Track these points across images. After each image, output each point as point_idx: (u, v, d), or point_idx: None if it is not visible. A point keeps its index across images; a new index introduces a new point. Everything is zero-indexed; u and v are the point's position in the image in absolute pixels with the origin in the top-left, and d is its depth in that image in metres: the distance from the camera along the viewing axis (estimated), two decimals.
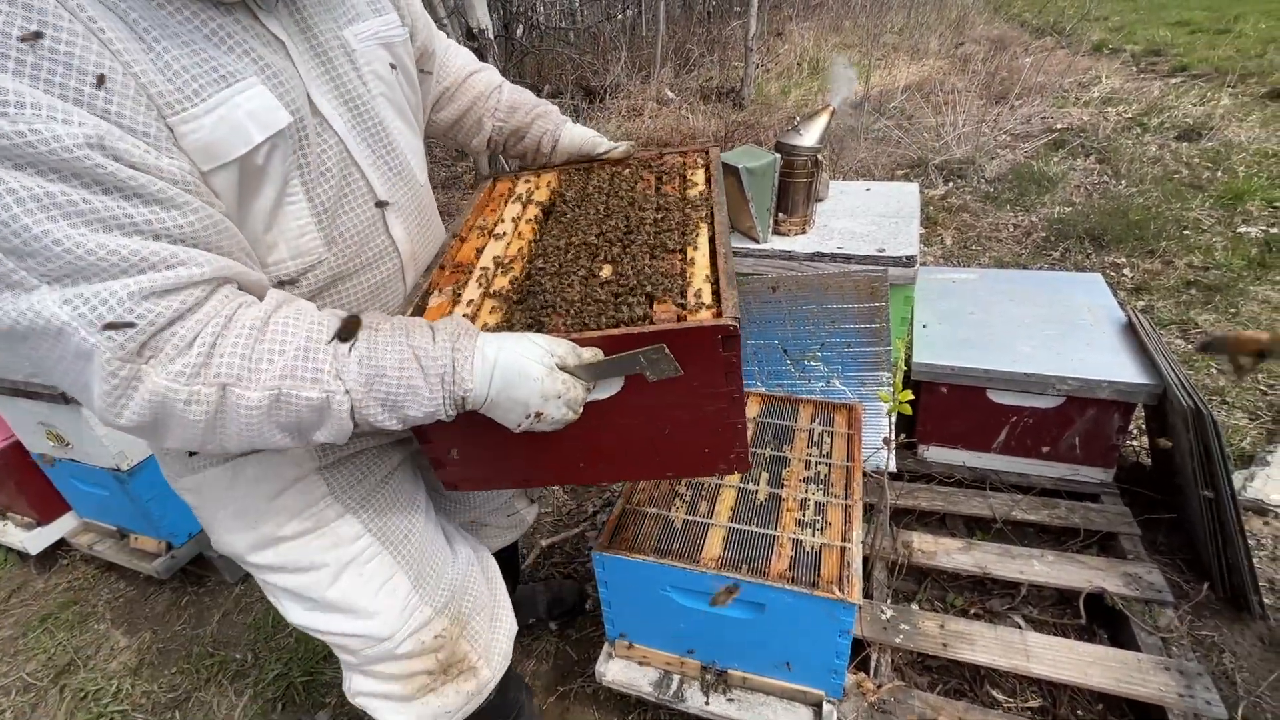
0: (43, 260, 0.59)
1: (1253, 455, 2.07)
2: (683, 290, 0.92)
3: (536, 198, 1.24)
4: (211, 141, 0.70)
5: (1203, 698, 1.36)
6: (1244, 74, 5.78)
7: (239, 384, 0.68)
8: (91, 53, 0.61)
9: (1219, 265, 3.11)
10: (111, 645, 2.03)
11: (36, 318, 0.60)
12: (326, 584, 1.00)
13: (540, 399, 0.78)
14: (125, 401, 0.65)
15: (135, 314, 0.62)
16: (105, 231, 0.61)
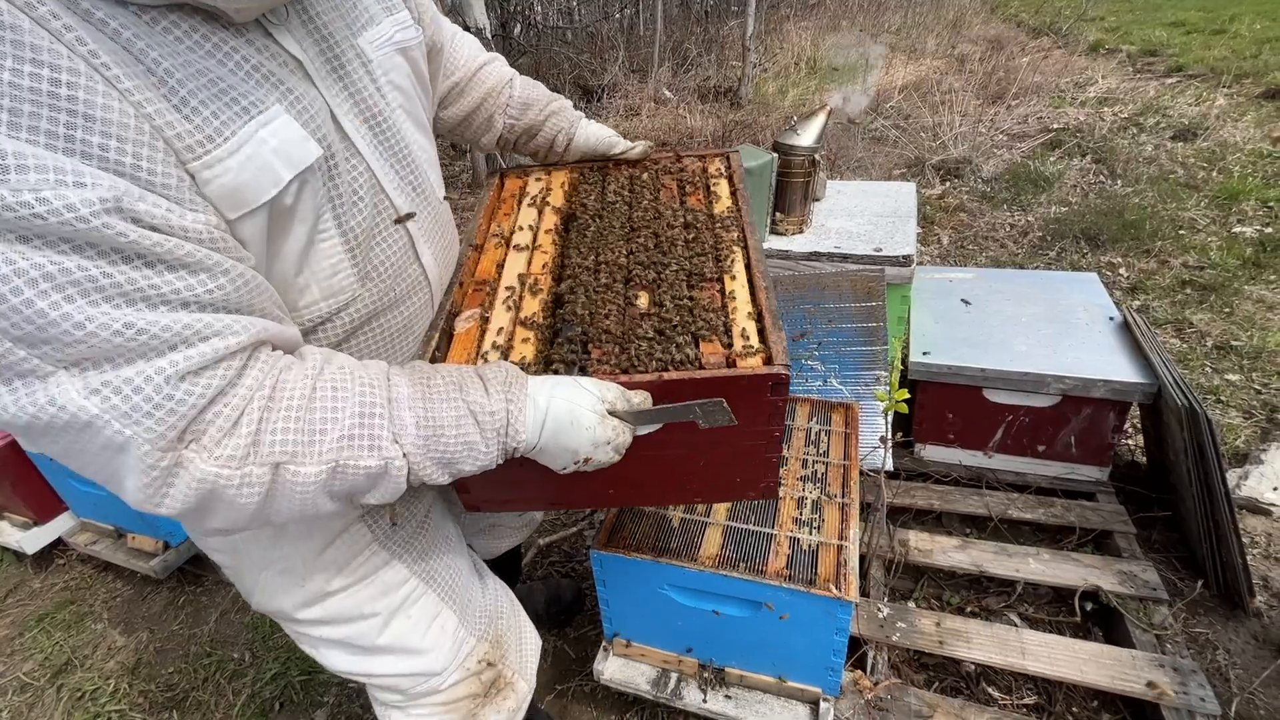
0: (60, 346, 0.51)
1: (1247, 454, 2.09)
2: (727, 328, 0.92)
3: (552, 201, 1.20)
4: (238, 186, 0.63)
5: (1196, 694, 1.37)
6: (1239, 74, 5.81)
7: (294, 460, 0.63)
8: (98, 95, 0.52)
9: (1214, 265, 3.13)
10: (109, 645, 2.02)
11: (60, 411, 0.52)
12: (377, 632, 0.98)
13: (591, 446, 0.76)
14: (167, 491, 0.58)
15: (175, 399, 0.56)
16: (130, 306, 0.53)
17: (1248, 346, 2.57)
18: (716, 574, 1.29)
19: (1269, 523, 1.90)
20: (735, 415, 0.81)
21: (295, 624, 0.99)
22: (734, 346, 0.88)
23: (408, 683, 1.04)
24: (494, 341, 0.93)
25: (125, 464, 0.56)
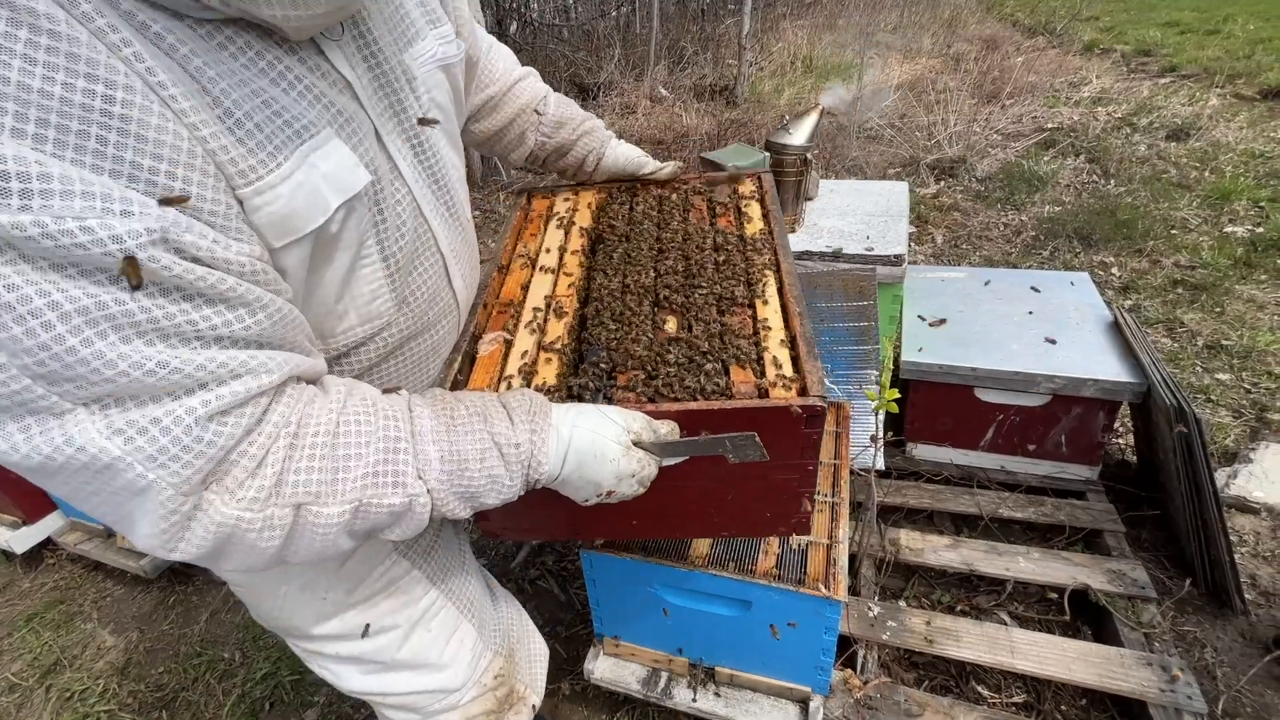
0: (85, 384, 0.47)
1: (1236, 453, 2.10)
2: (759, 355, 0.89)
3: (579, 221, 1.19)
4: (287, 214, 0.60)
5: (1183, 692, 1.38)
6: (1232, 74, 5.83)
7: (316, 501, 0.60)
8: (152, 115, 0.49)
9: (1205, 264, 3.14)
10: (98, 645, 2.01)
11: (78, 452, 0.48)
12: (397, 645, 0.96)
13: (614, 479, 0.73)
14: (184, 535, 0.55)
15: (204, 440, 0.52)
16: (163, 343, 0.50)
17: (1238, 346, 2.58)
18: (706, 573, 1.29)
19: (1257, 521, 1.91)
20: (767, 449, 0.77)
21: (311, 641, 0.95)
22: (766, 375, 0.85)
23: (426, 700, 1.01)
24: (518, 366, 0.92)
25: (142, 507, 0.53)
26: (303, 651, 0.98)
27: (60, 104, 0.44)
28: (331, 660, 0.97)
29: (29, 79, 0.43)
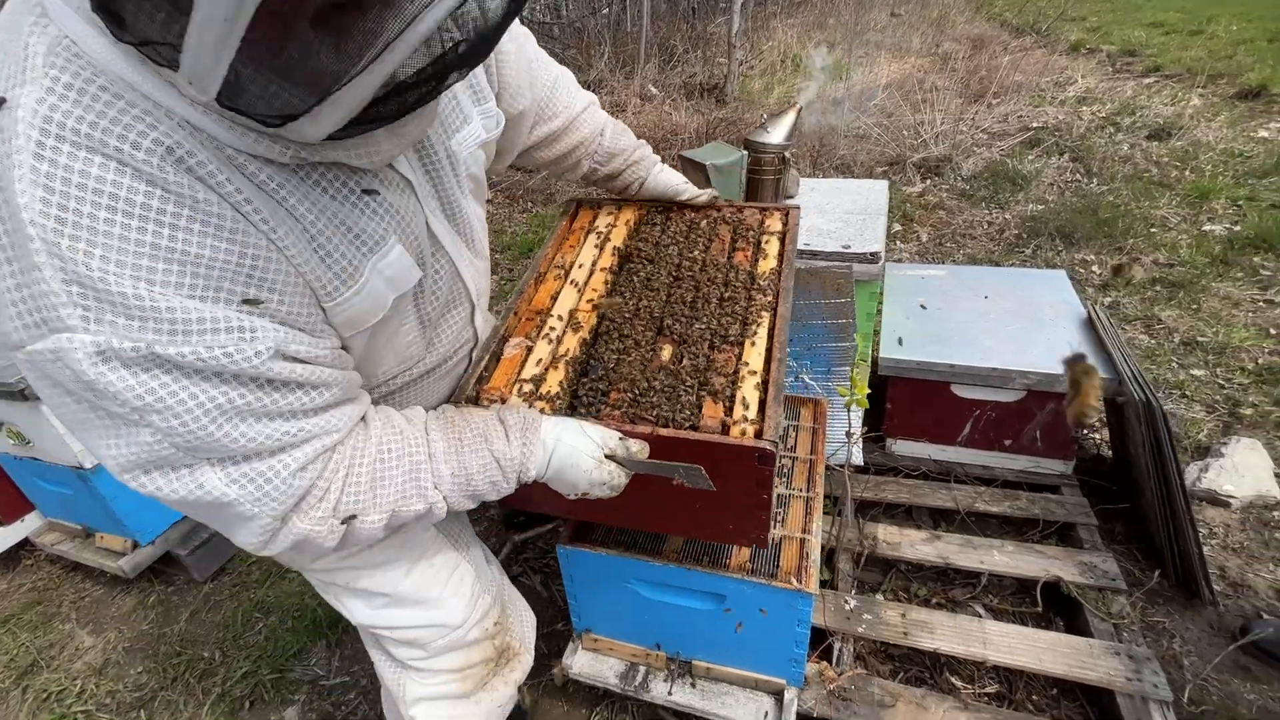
0: (212, 452, 0.65)
1: (1209, 447, 2.13)
2: (732, 393, 1.01)
3: (614, 239, 1.30)
4: (356, 316, 0.76)
5: (1150, 680, 1.40)
6: (1214, 75, 5.90)
7: (362, 514, 0.79)
8: (272, 262, 0.64)
9: (1183, 262, 3.18)
10: (76, 645, 2.00)
11: (205, 494, 0.66)
12: (401, 577, 1.05)
13: (588, 484, 0.90)
14: (273, 541, 0.74)
15: (293, 486, 0.71)
16: (271, 421, 0.67)
17: (1213, 342, 2.62)
18: (680, 568, 1.31)
19: (1228, 514, 1.94)
20: (727, 477, 0.93)
21: (325, 571, 1.03)
22: (734, 413, 0.97)
23: (429, 635, 1.09)
24: (532, 373, 1.06)
25: (246, 526, 0.72)
26: (318, 581, 1.06)
27: (208, 263, 0.59)
28: (344, 591, 1.05)
29: (184, 245, 0.57)
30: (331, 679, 1.82)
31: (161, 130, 0.56)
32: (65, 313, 0.54)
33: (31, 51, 0.53)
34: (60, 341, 0.55)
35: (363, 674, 1.82)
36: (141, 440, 0.61)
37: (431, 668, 1.12)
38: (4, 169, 0.52)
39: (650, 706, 1.59)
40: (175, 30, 0.47)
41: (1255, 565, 1.80)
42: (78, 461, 1.84)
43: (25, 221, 0.52)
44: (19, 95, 0.52)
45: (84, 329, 0.55)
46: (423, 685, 1.13)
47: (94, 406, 0.60)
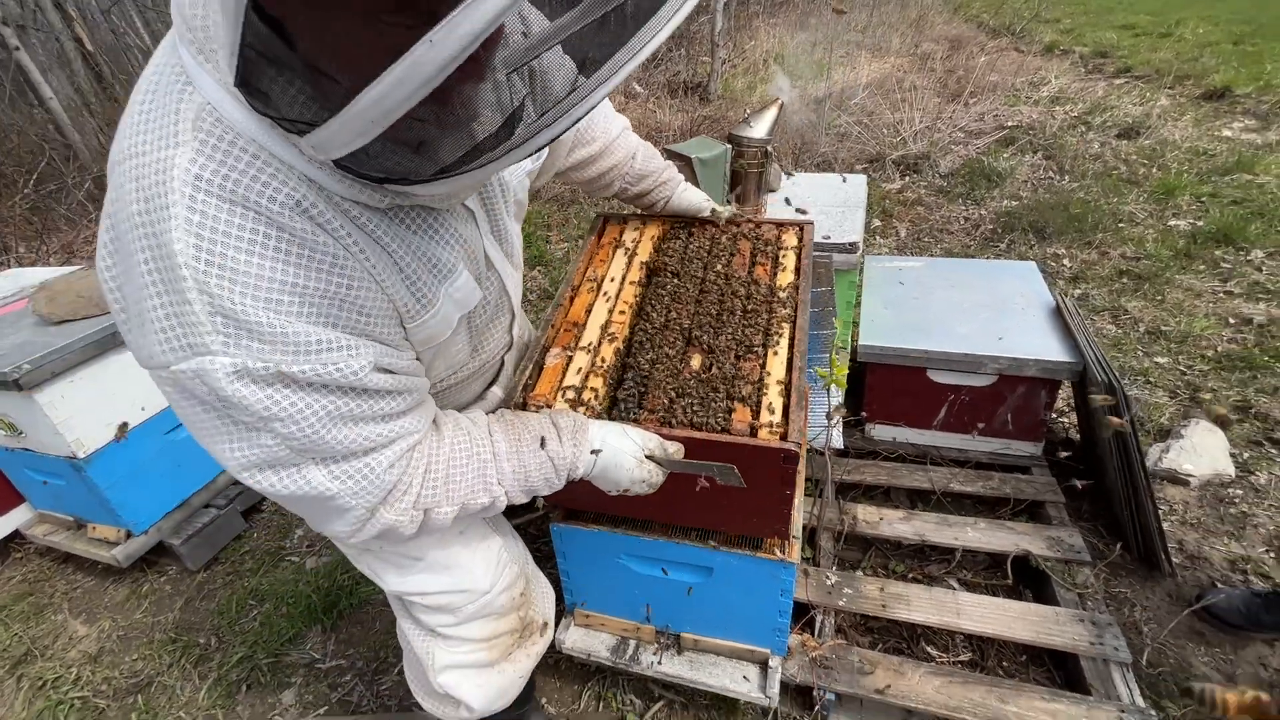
0: (319, 452, 0.75)
1: (1170, 429, 2.24)
2: (759, 399, 1.11)
3: (641, 254, 1.41)
4: (429, 335, 0.87)
5: (1110, 644, 1.49)
6: (1181, 75, 6.08)
7: (437, 506, 0.89)
8: (371, 293, 0.74)
9: (1149, 255, 3.30)
10: (70, 634, 2.02)
11: (311, 489, 0.76)
12: (433, 543, 1.12)
13: (629, 482, 1.01)
14: (362, 530, 0.84)
15: (385, 481, 0.81)
16: (368, 425, 0.77)
17: (1176, 331, 2.74)
18: (670, 542, 1.36)
19: (1186, 492, 2.05)
20: (754, 476, 1.04)
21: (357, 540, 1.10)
22: (760, 418, 1.08)
23: (459, 600, 1.15)
24: (574, 382, 1.17)
25: (341, 517, 0.82)
26: (353, 550, 1.14)
27: (324, 294, 0.69)
28: (376, 559, 1.12)
29: (305, 280, 0.67)
30: (328, 662, 1.86)
31: (290, 186, 0.65)
32: (209, 339, 0.64)
33: (182, 117, 0.62)
34: (203, 363, 0.65)
35: (359, 657, 1.86)
36: (262, 444, 0.72)
37: (460, 635, 1.17)
38: (161, 218, 0.61)
39: (640, 679, 1.65)
40: (318, 117, 0.55)
41: (1211, 539, 1.91)
42: (71, 451, 1.86)
43: (180, 264, 0.61)
44: (173, 155, 0.61)
45: (224, 352, 0.65)
46: (451, 653, 1.18)
47: (224, 416, 0.70)
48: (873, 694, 1.46)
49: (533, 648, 1.29)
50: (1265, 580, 1.78)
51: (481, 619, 1.18)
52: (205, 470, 2.24)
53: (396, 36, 0.48)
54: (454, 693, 1.20)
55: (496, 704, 1.25)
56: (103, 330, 1.87)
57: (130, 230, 0.63)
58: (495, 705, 1.24)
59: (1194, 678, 1.56)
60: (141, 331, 0.67)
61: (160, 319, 0.64)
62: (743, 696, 1.46)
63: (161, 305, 0.64)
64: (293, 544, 2.26)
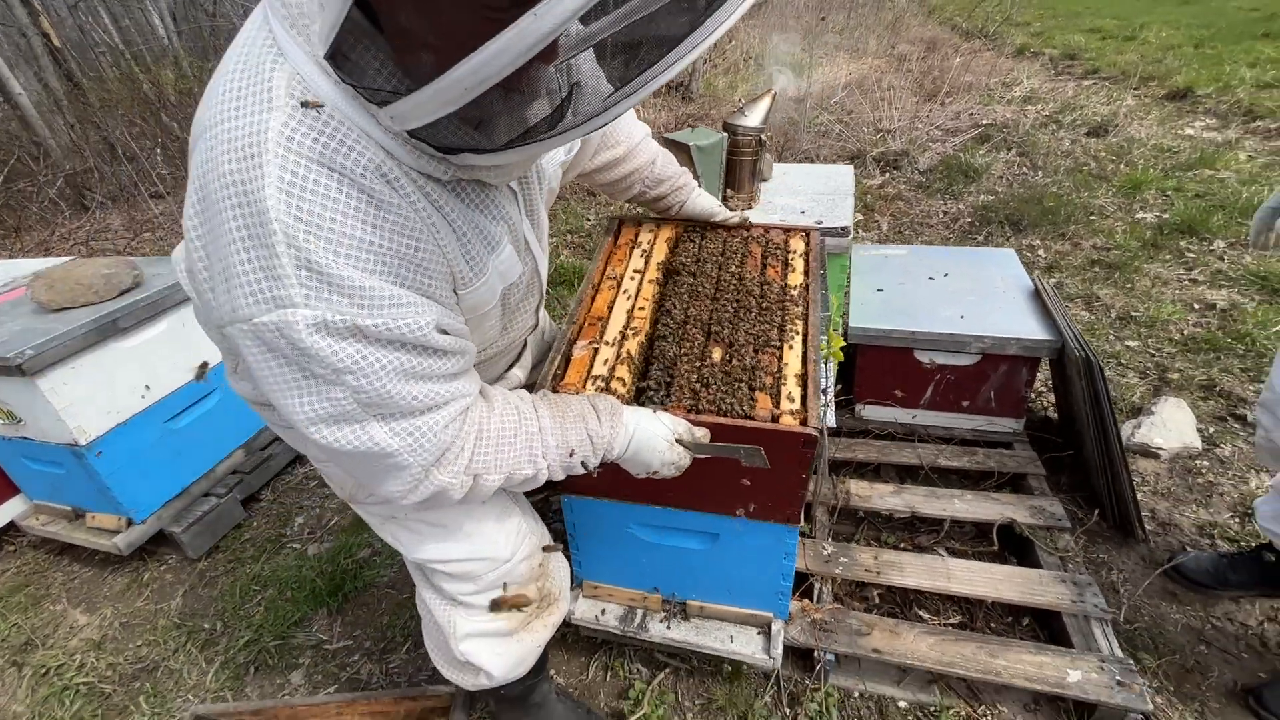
0: (384, 407, 0.78)
1: (1141, 407, 2.36)
2: (778, 388, 1.18)
3: (656, 255, 1.50)
4: (476, 303, 0.92)
5: (1091, 602, 1.58)
6: (1146, 77, 6.32)
7: (486, 473, 0.92)
8: (433, 256, 0.79)
9: (1119, 246, 3.45)
10: (70, 624, 2.01)
11: (373, 445, 0.79)
12: (457, 509, 1.15)
13: (659, 464, 1.06)
14: (415, 491, 0.87)
15: (441, 440, 0.84)
16: (429, 383, 0.81)
17: (1144, 317, 2.87)
18: (678, 510, 1.42)
19: (1157, 464, 2.16)
20: (773, 458, 1.10)
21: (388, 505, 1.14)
22: (781, 405, 1.15)
23: (481, 568, 1.18)
24: (601, 372, 1.23)
25: (395, 476, 0.85)
26: (376, 517, 1.18)
27: (395, 255, 0.74)
28: (400, 527, 1.16)
29: (382, 240, 0.72)
30: (335, 643, 1.88)
31: (371, 152, 0.70)
32: (293, 292, 0.68)
33: (275, 84, 0.67)
34: (286, 315, 0.69)
35: (365, 638, 1.89)
36: (333, 397, 0.75)
37: (481, 604, 1.21)
38: (254, 177, 0.65)
39: (647, 649, 1.70)
40: (404, 89, 0.60)
41: (1181, 507, 2.02)
42: (72, 439, 1.85)
43: (271, 219, 0.66)
44: (267, 119, 0.66)
45: (306, 305, 0.69)
46: (472, 622, 1.21)
47: (301, 369, 0.73)
48: (870, 654, 1.53)
49: (549, 618, 1.32)
50: (1230, 543, 1.89)
51: (502, 586, 1.21)
52: (205, 458, 2.24)
53: (498, 10, 0.53)
54: (474, 660, 1.23)
55: (514, 672, 1.28)
56: (103, 317, 1.87)
57: (221, 190, 0.67)
58: (513, 674, 1.28)
59: (1167, 632, 1.66)
60: (226, 287, 0.70)
61: (247, 273, 0.68)
62: (747, 659, 1.52)
63: (249, 260, 0.68)
64: (293, 531, 2.28)
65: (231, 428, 2.33)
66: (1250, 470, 2.11)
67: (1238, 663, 1.59)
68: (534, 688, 1.48)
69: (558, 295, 3.52)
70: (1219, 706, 1.51)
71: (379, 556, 2.12)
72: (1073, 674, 1.43)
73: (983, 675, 1.46)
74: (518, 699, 1.46)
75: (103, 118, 5.80)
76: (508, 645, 1.25)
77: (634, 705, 1.60)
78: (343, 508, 2.34)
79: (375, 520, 1.18)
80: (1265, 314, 2.78)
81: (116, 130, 5.53)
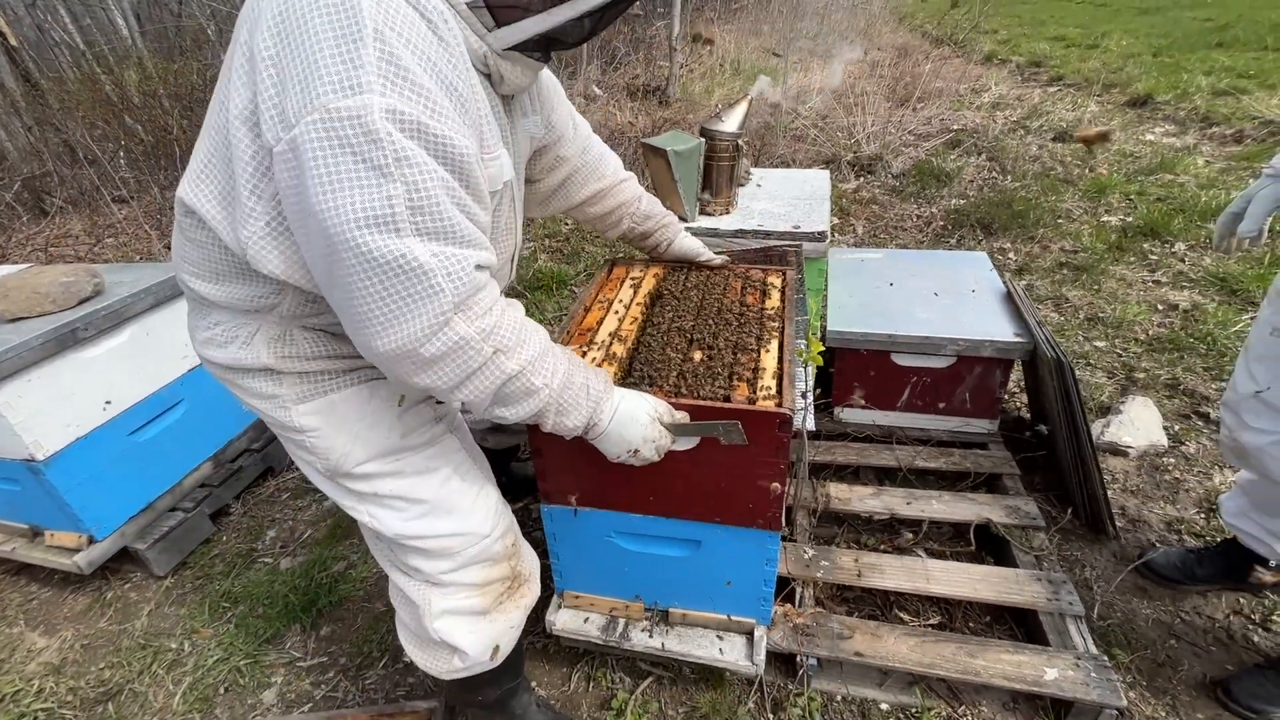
0: (430, 218, 0.80)
1: (1110, 406, 2.41)
2: (755, 381, 1.23)
3: (645, 286, 1.61)
4: (491, 176, 0.97)
5: (1066, 600, 1.61)
6: (1108, 84, 6.51)
7: (505, 353, 0.91)
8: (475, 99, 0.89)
9: (1086, 248, 3.54)
10: (28, 647, 1.92)
11: (410, 259, 0.79)
12: (437, 485, 1.17)
13: (641, 440, 1.08)
14: (434, 336, 0.85)
15: (473, 277, 0.86)
16: (463, 214, 0.85)
17: (1111, 317, 2.95)
18: (659, 517, 1.41)
19: (1126, 462, 2.21)
20: (751, 441, 1.13)
21: (365, 480, 1.13)
22: (758, 393, 1.20)
23: (460, 543, 1.19)
24: None
25: (422, 306, 0.83)
26: (354, 496, 1.16)
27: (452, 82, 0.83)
28: (375, 504, 1.15)
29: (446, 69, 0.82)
30: (309, 660, 1.83)
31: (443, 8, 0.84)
32: (374, 79, 0.74)
33: None
34: (364, 99, 0.74)
35: (341, 653, 1.84)
36: (387, 193, 0.77)
37: (457, 581, 1.21)
38: None
39: (629, 657, 1.68)
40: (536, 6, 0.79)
41: (1149, 504, 2.07)
42: (29, 454, 1.78)
43: (364, 15, 0.75)
44: None
45: (383, 93, 0.75)
46: (447, 599, 1.21)
47: (364, 159, 0.75)
48: (853, 657, 1.54)
49: (521, 599, 1.33)
50: (1197, 539, 1.94)
51: (478, 564, 1.22)
52: (171, 471, 2.17)
53: None
54: (448, 639, 1.23)
55: (487, 654, 1.27)
56: (61, 327, 1.80)
57: (312, 6, 0.75)
58: (486, 655, 1.27)
59: (1139, 627, 1.70)
60: (304, 85, 0.75)
61: (330, 62, 0.74)
62: (730, 666, 1.51)
63: (335, 51, 0.74)
64: (265, 545, 2.21)
65: (199, 439, 2.26)
66: (1214, 467, 2.17)
67: (1206, 656, 1.63)
68: (514, 694, 1.47)
69: (536, 301, 3.49)
70: (1189, 699, 1.54)
71: (354, 570, 2.07)
72: (1049, 672, 1.45)
73: (963, 676, 1.47)
74: (496, 705, 1.45)
75: (62, 119, 5.62)
76: (481, 624, 1.25)
77: (617, 715, 1.59)
78: (316, 520, 2.29)
79: (350, 501, 1.16)
80: (1225, 314, 2.87)
81: (77, 132, 5.36)
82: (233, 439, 2.38)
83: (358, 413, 1.10)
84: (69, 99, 5.94)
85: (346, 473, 1.12)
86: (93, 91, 5.80)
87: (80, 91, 6.01)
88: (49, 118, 5.75)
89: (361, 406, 1.10)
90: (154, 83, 5.64)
